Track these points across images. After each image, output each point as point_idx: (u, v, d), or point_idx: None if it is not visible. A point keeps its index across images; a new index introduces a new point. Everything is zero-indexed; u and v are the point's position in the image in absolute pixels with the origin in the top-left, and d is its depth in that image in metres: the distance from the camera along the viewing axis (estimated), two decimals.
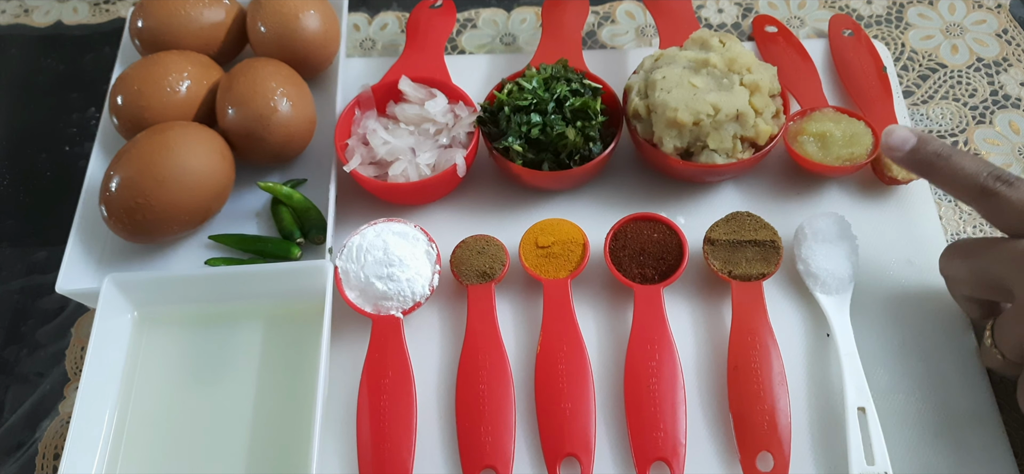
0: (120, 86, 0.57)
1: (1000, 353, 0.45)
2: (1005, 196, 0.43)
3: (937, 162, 0.46)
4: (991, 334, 0.46)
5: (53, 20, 0.75)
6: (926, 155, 0.46)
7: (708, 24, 0.71)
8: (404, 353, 0.50)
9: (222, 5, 0.62)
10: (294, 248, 0.55)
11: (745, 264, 0.52)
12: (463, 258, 0.53)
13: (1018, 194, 0.42)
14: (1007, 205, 0.43)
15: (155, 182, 0.51)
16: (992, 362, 0.47)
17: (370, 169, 0.57)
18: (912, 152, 0.47)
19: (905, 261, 0.54)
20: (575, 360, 0.49)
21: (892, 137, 0.48)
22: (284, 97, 0.55)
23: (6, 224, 0.63)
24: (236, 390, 0.49)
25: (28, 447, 0.52)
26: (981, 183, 0.44)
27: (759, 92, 0.54)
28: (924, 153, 0.46)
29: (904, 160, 0.48)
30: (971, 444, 0.47)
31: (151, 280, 0.51)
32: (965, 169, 0.44)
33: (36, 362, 0.56)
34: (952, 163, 0.45)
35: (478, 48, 0.70)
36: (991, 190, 0.43)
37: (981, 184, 0.44)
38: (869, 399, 0.47)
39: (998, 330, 0.45)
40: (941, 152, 0.46)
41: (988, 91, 0.65)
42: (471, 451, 0.47)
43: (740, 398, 0.47)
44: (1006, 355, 0.45)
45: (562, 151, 0.55)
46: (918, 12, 0.70)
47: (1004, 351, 0.44)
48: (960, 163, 0.45)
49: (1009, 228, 0.44)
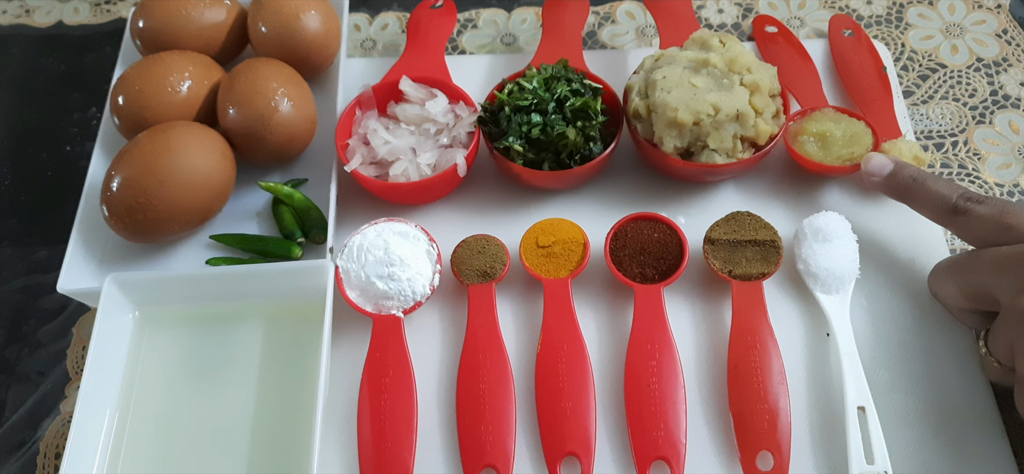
0: (121, 86, 0.57)
1: (996, 360, 0.45)
2: (976, 213, 0.46)
3: (912, 186, 0.50)
4: (985, 344, 0.46)
5: (54, 20, 0.75)
6: (902, 179, 0.51)
7: (708, 24, 0.71)
8: (405, 353, 0.50)
9: (223, 5, 0.62)
10: (295, 248, 0.55)
11: (745, 264, 0.52)
12: (464, 258, 0.53)
13: (987, 209, 0.45)
14: (978, 220, 0.46)
15: (156, 182, 0.51)
16: (991, 372, 0.47)
17: (371, 169, 0.57)
18: (889, 177, 0.52)
19: (905, 261, 0.55)
20: (575, 360, 0.49)
21: (871, 163, 0.53)
22: (285, 97, 0.55)
23: (7, 224, 0.63)
24: (237, 389, 0.49)
25: (29, 446, 0.52)
26: (953, 203, 0.47)
27: (759, 92, 0.54)
28: (900, 177, 0.51)
29: (882, 184, 0.52)
30: (971, 444, 0.47)
31: (152, 280, 0.51)
32: (939, 191, 0.48)
33: (37, 361, 0.56)
34: (926, 186, 0.49)
35: (479, 48, 0.71)
36: (962, 209, 0.47)
37: (953, 204, 0.47)
38: (869, 399, 0.47)
39: (991, 339, 0.45)
40: (916, 176, 0.50)
41: (988, 91, 0.65)
42: (471, 450, 0.47)
43: (740, 398, 0.48)
44: (1001, 362, 0.45)
45: (562, 151, 0.55)
46: (918, 12, 0.70)
47: (999, 358, 0.45)
48: (934, 186, 0.49)
49: (982, 242, 0.46)
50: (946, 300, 0.49)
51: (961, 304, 0.47)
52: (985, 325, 0.47)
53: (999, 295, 0.43)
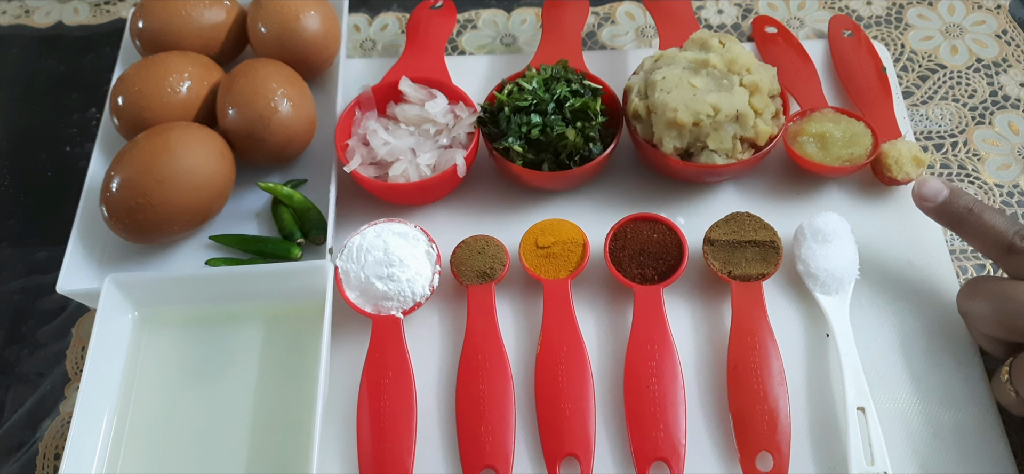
0: (121, 87, 0.57)
1: (1015, 390, 0.44)
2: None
3: (968, 217, 0.47)
4: (1009, 372, 0.45)
5: (54, 21, 0.75)
6: (958, 210, 0.48)
7: (708, 25, 0.71)
8: (404, 353, 0.50)
9: (222, 6, 0.62)
10: (294, 248, 0.55)
11: (745, 264, 0.52)
12: (463, 258, 0.53)
13: None
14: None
15: (156, 182, 0.51)
16: (1005, 398, 0.46)
17: (370, 169, 0.57)
18: (944, 205, 0.48)
19: (905, 261, 0.54)
20: (575, 360, 0.49)
21: (925, 188, 0.49)
22: (284, 98, 0.55)
23: (7, 224, 0.63)
24: (236, 390, 0.49)
25: (29, 447, 0.52)
26: (1009, 240, 0.45)
27: (759, 93, 0.54)
28: (956, 207, 0.48)
29: (934, 211, 0.49)
30: (971, 444, 0.47)
31: (152, 280, 0.51)
32: (995, 226, 0.46)
33: (37, 362, 0.56)
34: (983, 219, 0.46)
35: (478, 49, 0.71)
36: (1019, 248, 0.44)
37: (1009, 241, 0.45)
38: (869, 399, 0.47)
39: (1016, 371, 0.44)
40: (973, 207, 0.47)
41: (987, 92, 0.65)
42: (471, 451, 0.47)
43: (740, 398, 0.48)
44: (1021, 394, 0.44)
45: (562, 151, 0.55)
46: (918, 13, 0.70)
47: (1020, 391, 0.44)
48: (991, 220, 0.46)
49: None
50: (976, 322, 0.47)
51: (992, 331, 0.46)
52: (1008, 354, 0.46)
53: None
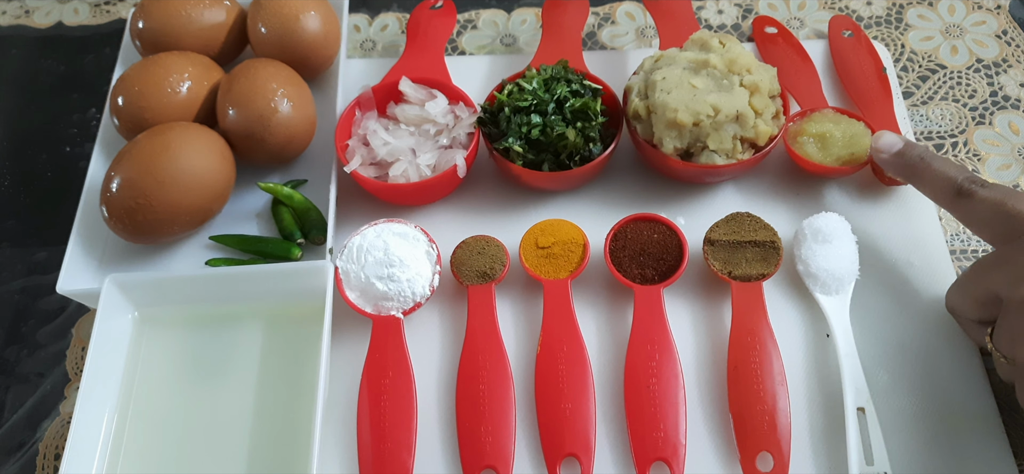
0: (121, 87, 0.57)
1: (1002, 355, 0.45)
2: (980, 195, 0.46)
3: (919, 164, 0.50)
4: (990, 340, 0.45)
5: (54, 21, 0.75)
6: (911, 158, 0.51)
7: (708, 25, 0.71)
8: (404, 353, 0.50)
9: (222, 6, 0.62)
10: (294, 249, 0.55)
11: (745, 265, 0.52)
12: (463, 258, 0.53)
13: (991, 193, 0.45)
14: (981, 204, 0.46)
15: (156, 183, 0.51)
16: (1002, 370, 0.46)
17: (370, 170, 0.57)
18: (898, 155, 0.52)
19: (905, 261, 0.55)
20: (575, 360, 0.49)
21: (881, 141, 0.53)
22: (284, 98, 0.55)
23: (7, 224, 0.63)
24: (237, 390, 0.49)
25: (29, 447, 0.52)
26: (958, 184, 0.47)
27: (759, 93, 0.54)
28: (909, 156, 0.51)
29: (890, 162, 0.52)
30: (971, 444, 0.47)
31: (152, 280, 0.51)
32: (945, 172, 0.48)
33: (37, 362, 0.56)
34: (933, 166, 0.49)
35: (478, 49, 0.71)
36: (966, 190, 0.46)
37: (958, 185, 0.47)
38: (869, 399, 0.47)
39: (996, 336, 0.45)
40: (924, 156, 0.50)
41: (988, 92, 0.65)
42: (471, 451, 0.47)
43: (740, 398, 0.48)
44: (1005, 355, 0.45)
45: (562, 152, 0.55)
46: (918, 13, 0.70)
47: (1003, 352, 0.45)
48: (940, 167, 0.49)
49: (984, 227, 0.46)
50: (962, 314, 0.49)
51: (975, 314, 0.47)
52: None
53: (999, 290, 0.43)
